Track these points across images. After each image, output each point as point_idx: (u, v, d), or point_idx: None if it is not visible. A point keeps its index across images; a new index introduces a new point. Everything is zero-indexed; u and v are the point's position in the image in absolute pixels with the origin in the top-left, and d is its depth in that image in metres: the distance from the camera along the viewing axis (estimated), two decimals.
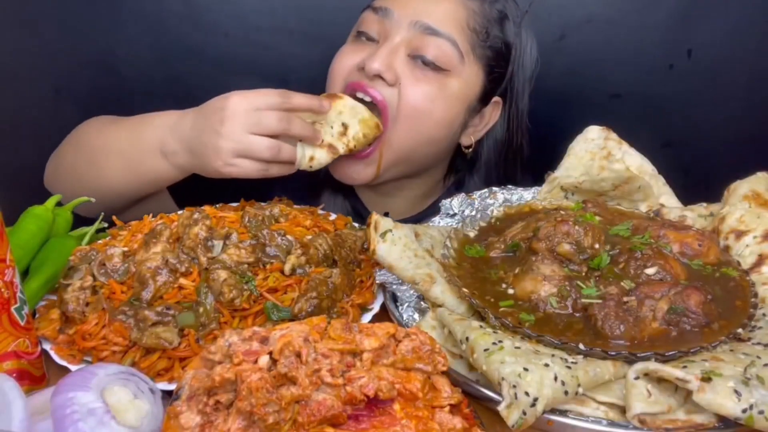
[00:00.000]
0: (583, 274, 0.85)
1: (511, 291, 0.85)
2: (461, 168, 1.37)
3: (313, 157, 1.13)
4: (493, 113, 1.29)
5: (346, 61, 1.20)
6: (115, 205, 1.22)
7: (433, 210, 1.33)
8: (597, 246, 0.87)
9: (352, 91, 1.18)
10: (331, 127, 1.13)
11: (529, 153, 1.40)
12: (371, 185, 1.34)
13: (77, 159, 1.23)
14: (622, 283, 0.82)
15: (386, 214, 1.13)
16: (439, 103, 1.17)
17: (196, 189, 1.23)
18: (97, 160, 1.19)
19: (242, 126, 1.03)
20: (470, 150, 1.31)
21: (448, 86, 1.18)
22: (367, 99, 1.16)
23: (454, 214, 1.12)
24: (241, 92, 1.05)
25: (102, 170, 1.18)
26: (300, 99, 1.08)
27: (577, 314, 0.81)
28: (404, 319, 0.91)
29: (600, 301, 0.79)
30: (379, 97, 1.15)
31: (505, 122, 1.30)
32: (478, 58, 1.20)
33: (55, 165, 1.30)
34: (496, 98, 1.27)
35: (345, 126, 1.13)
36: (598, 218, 0.95)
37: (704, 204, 1.06)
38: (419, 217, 1.34)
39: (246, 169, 1.05)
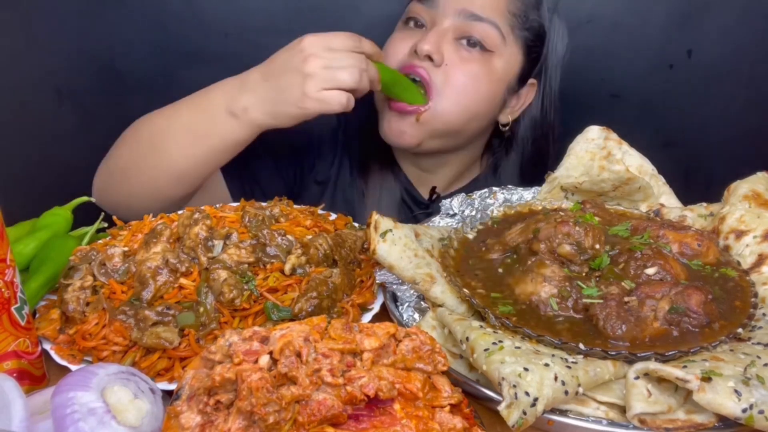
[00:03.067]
0: (584, 274, 0.85)
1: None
2: (497, 149, 1.46)
3: None
4: (528, 94, 1.39)
5: (398, 47, 1.29)
6: (173, 193, 1.20)
7: (472, 186, 1.43)
8: (597, 246, 0.87)
9: (404, 73, 1.26)
10: None
11: (561, 130, 1.46)
12: (413, 161, 1.43)
13: (136, 150, 1.21)
14: (622, 284, 0.82)
15: (434, 188, 1.40)
16: (483, 81, 1.27)
17: (251, 177, 1.29)
18: (159, 142, 1.17)
19: (326, 62, 1.07)
20: (507, 128, 1.40)
21: (492, 65, 1.28)
22: (417, 79, 1.25)
23: (454, 214, 1.12)
24: (312, 34, 1.09)
25: (165, 152, 1.16)
26: (367, 44, 1.15)
27: (578, 315, 0.81)
28: (404, 319, 0.91)
29: (601, 301, 0.79)
30: (425, 75, 1.24)
31: (539, 101, 1.40)
32: (518, 40, 1.30)
33: (106, 171, 1.26)
34: (531, 80, 1.37)
35: None
36: (597, 219, 0.95)
37: (704, 204, 1.06)
38: (460, 192, 1.39)
39: (332, 101, 1.07)
